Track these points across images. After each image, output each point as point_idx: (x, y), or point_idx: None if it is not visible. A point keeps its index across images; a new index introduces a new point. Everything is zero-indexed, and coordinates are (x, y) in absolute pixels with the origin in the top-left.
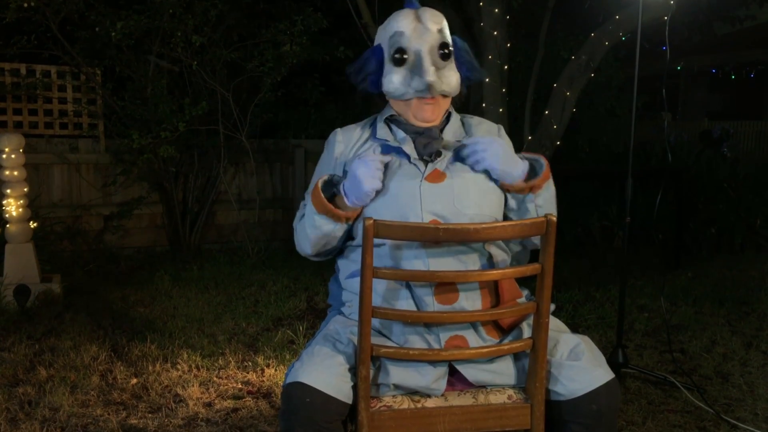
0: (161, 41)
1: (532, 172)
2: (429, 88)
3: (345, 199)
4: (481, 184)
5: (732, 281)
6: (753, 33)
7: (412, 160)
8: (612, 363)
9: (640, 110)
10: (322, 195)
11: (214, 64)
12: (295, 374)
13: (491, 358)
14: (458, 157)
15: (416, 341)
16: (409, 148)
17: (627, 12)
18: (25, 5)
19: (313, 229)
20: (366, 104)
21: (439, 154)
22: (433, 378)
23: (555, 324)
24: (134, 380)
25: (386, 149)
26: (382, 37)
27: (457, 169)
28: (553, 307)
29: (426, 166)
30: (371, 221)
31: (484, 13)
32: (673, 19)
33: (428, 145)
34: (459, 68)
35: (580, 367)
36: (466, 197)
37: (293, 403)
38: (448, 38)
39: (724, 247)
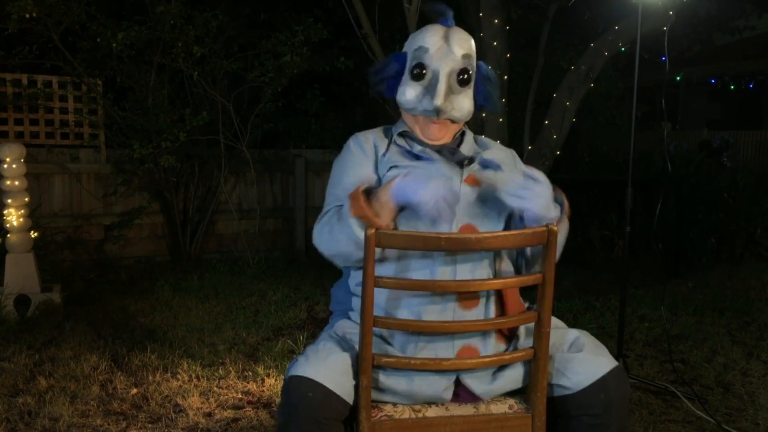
0: (162, 52)
1: None
2: (437, 111)
3: (388, 198)
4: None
5: (732, 291)
6: (752, 43)
7: (446, 164)
8: None
9: (640, 120)
10: (365, 204)
11: (215, 74)
12: (298, 368)
13: (495, 369)
14: (484, 165)
15: (428, 348)
16: (438, 158)
17: (626, 22)
18: (27, 16)
19: (348, 240)
20: (366, 115)
21: (471, 160)
22: (442, 388)
23: (552, 321)
24: (134, 390)
25: (409, 156)
26: (410, 45)
27: (488, 175)
28: None
29: (462, 170)
30: (372, 231)
31: (484, 24)
32: (672, 30)
33: (455, 154)
34: (476, 95)
35: (583, 358)
36: (497, 207)
37: (294, 397)
38: (472, 64)
39: (724, 256)
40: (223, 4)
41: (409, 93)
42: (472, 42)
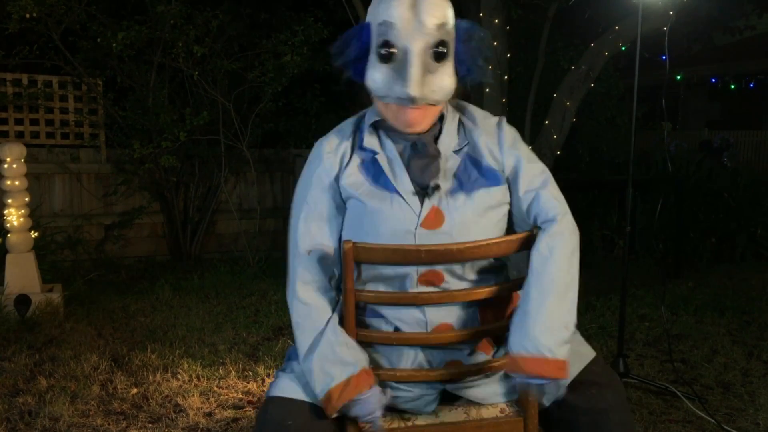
0: (163, 51)
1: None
2: (411, 100)
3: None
4: (483, 221)
5: (733, 290)
6: (753, 43)
7: (405, 198)
8: None
9: (640, 120)
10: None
11: (215, 74)
12: (279, 388)
13: (484, 376)
14: (459, 184)
15: (410, 362)
16: (402, 181)
17: (627, 22)
18: (28, 16)
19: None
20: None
21: (437, 187)
22: (425, 402)
23: None
24: (134, 390)
25: (374, 169)
26: (373, 16)
27: (458, 205)
28: None
29: (422, 205)
30: (350, 244)
31: (484, 24)
32: (672, 30)
33: (426, 170)
34: (457, 65)
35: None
36: (467, 241)
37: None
38: (449, 32)
39: (724, 256)
40: (224, 4)
41: (377, 77)
42: (447, 6)
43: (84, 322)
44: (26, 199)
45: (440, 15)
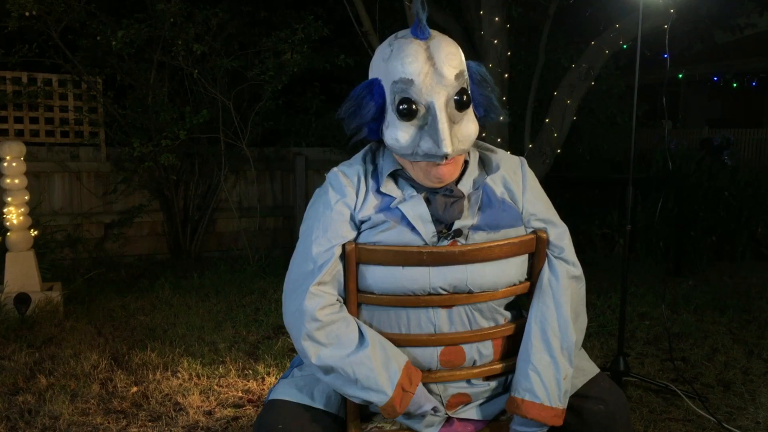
0: (162, 49)
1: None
2: (445, 156)
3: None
4: (499, 262)
5: (733, 289)
6: (753, 41)
7: (425, 239)
8: (613, 371)
9: (641, 118)
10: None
11: (215, 72)
12: (280, 391)
13: (484, 401)
14: (481, 222)
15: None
16: (422, 226)
17: (627, 20)
18: (27, 14)
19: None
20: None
21: (459, 233)
22: (428, 422)
23: None
24: (134, 388)
25: (392, 213)
26: (383, 72)
27: (477, 240)
28: None
29: (438, 242)
30: (353, 246)
31: (485, 22)
32: (673, 28)
33: (449, 208)
34: (475, 108)
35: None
36: (481, 279)
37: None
38: (466, 78)
39: (725, 254)
40: (224, 2)
41: (401, 137)
42: (459, 51)
43: (84, 321)
44: (26, 198)
45: (457, 63)
